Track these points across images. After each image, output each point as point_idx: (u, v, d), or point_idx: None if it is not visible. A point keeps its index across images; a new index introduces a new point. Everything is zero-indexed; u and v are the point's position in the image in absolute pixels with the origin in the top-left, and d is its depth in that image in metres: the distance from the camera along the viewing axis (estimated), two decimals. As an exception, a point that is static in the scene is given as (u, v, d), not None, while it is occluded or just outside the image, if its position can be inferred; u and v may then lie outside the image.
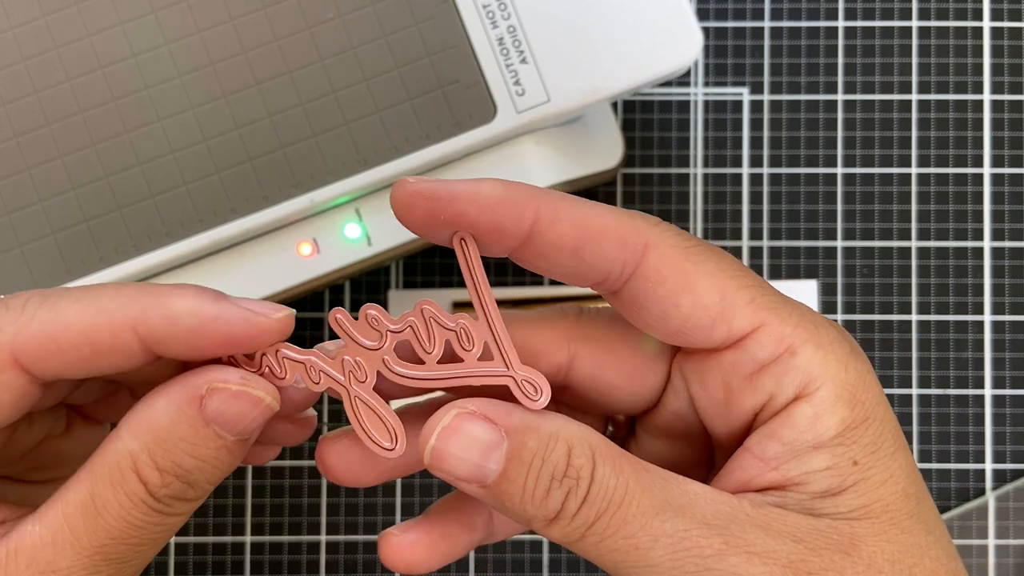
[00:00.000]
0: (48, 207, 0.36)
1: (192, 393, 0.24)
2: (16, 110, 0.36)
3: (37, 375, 0.25)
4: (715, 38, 0.45)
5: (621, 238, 0.24)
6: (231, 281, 0.37)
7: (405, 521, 0.28)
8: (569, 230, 0.24)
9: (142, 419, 0.24)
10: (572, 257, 0.24)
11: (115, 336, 0.24)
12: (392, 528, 0.27)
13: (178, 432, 0.24)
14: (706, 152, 0.45)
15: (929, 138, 0.45)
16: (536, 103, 0.37)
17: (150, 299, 0.24)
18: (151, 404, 0.24)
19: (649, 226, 0.25)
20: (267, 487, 0.44)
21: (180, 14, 0.36)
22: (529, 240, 0.24)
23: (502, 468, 0.23)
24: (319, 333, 0.44)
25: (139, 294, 0.24)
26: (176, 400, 0.24)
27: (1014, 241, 0.44)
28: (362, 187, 0.37)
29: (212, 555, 0.43)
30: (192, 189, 0.36)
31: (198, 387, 0.24)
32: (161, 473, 0.24)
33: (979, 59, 0.45)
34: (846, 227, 0.44)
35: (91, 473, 0.24)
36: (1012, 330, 0.44)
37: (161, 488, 0.24)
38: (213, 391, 0.24)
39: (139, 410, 0.25)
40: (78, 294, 0.25)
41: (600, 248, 0.24)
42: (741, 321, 0.24)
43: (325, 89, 0.36)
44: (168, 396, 0.24)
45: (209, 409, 0.24)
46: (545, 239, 0.24)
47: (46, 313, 0.24)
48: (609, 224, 0.24)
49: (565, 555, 0.44)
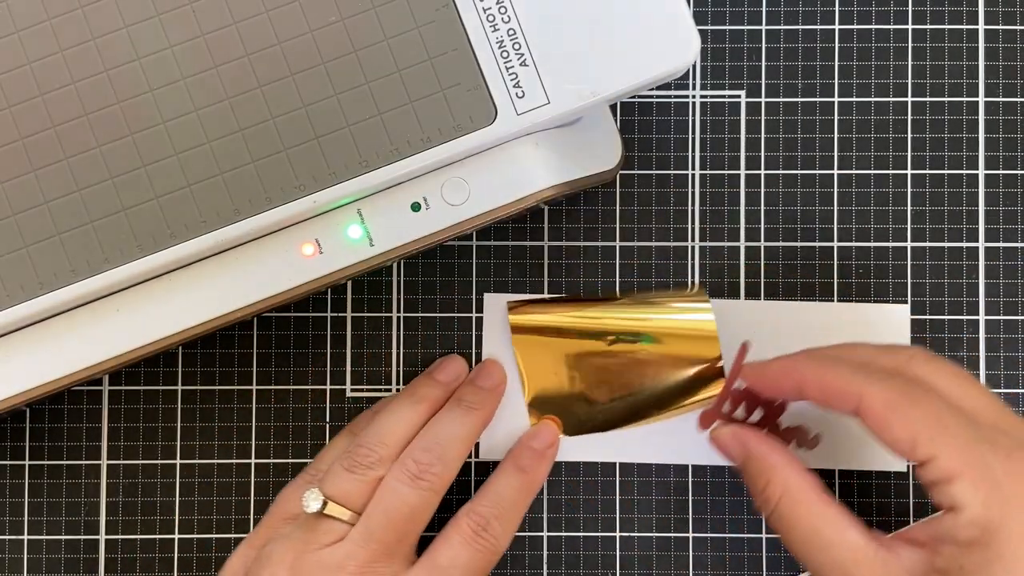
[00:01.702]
0: (53, 208, 0.36)
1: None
2: (21, 112, 0.36)
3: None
4: (713, 41, 0.45)
5: (843, 394, 0.36)
6: (235, 282, 0.38)
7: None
8: (816, 395, 0.37)
9: None
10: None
11: None
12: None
13: None
14: (704, 154, 0.45)
15: (924, 140, 0.45)
16: (536, 105, 0.37)
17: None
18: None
19: (868, 382, 0.36)
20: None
21: (184, 17, 0.37)
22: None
23: (741, 465, 0.39)
24: (322, 333, 0.44)
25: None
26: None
27: (1008, 242, 0.45)
28: (364, 188, 0.37)
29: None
30: (196, 190, 0.37)
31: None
32: None
33: (974, 62, 0.45)
34: (842, 228, 0.45)
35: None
36: (1006, 330, 0.45)
37: None
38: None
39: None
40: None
41: (833, 404, 0.37)
42: (920, 453, 0.35)
43: (327, 91, 0.37)
44: None
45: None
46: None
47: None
48: (840, 386, 0.36)
49: (564, 553, 0.44)
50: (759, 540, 0.44)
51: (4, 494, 0.44)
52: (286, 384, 0.44)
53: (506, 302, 0.44)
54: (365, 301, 0.44)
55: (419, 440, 0.40)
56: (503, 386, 0.43)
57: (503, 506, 0.40)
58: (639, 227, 0.45)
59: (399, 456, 0.39)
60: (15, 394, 0.37)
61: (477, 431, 0.42)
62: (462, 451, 0.40)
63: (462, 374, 0.43)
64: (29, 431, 0.44)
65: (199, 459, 0.44)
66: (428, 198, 0.38)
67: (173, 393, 0.44)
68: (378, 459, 0.39)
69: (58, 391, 0.38)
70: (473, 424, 0.41)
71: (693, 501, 0.44)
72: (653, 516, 0.44)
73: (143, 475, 0.44)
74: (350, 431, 0.43)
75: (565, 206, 0.45)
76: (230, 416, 0.44)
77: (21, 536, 0.44)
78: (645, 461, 0.44)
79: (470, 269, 0.45)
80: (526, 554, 0.44)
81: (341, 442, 0.42)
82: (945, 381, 0.36)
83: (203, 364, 0.44)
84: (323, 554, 0.38)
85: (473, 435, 0.41)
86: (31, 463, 0.44)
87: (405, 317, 0.44)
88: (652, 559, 0.44)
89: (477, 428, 0.41)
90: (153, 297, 0.37)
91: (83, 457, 0.44)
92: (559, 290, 0.44)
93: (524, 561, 0.44)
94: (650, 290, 0.44)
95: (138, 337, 0.38)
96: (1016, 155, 0.45)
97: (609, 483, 0.44)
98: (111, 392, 0.44)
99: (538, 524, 0.44)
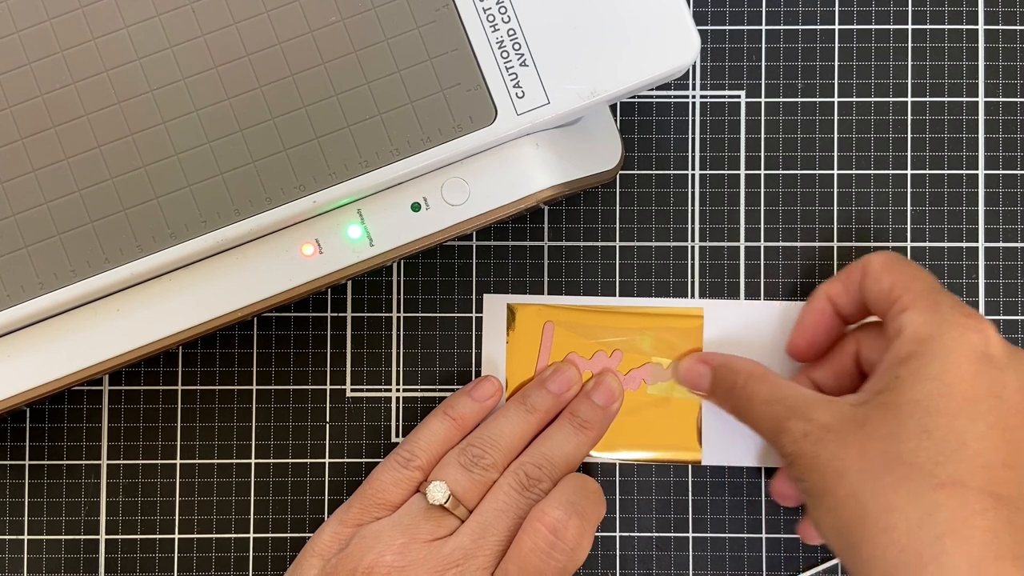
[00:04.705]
0: (53, 208, 0.36)
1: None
2: (21, 112, 0.36)
3: None
4: (713, 41, 0.45)
5: (851, 270, 0.41)
6: (235, 282, 0.38)
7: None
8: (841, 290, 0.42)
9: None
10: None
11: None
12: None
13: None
14: (704, 154, 0.45)
15: (924, 140, 0.45)
16: (536, 105, 0.37)
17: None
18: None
19: (872, 255, 0.41)
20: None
21: (184, 17, 0.37)
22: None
23: (709, 384, 0.43)
24: (322, 333, 0.44)
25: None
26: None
27: (1008, 242, 0.45)
28: (364, 188, 0.37)
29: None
30: (196, 190, 0.37)
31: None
32: None
33: (974, 62, 0.45)
34: (842, 228, 0.45)
35: None
36: (1006, 330, 0.45)
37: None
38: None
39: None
40: None
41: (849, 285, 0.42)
42: (892, 295, 0.39)
43: (327, 92, 0.37)
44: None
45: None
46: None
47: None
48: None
49: (564, 553, 0.44)
50: (759, 540, 0.44)
51: (4, 494, 0.44)
52: (286, 384, 0.44)
53: (507, 304, 0.44)
54: (365, 301, 0.44)
55: (531, 454, 0.41)
56: (618, 404, 0.44)
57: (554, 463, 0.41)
58: (639, 227, 0.45)
59: (511, 464, 0.41)
60: (15, 394, 0.37)
61: (586, 450, 0.42)
62: (569, 469, 0.41)
63: (575, 385, 0.44)
64: (29, 431, 0.44)
65: (199, 459, 0.44)
66: (428, 198, 0.38)
67: (173, 393, 0.44)
68: (492, 463, 0.40)
69: (58, 391, 0.38)
70: (583, 443, 0.42)
71: (693, 501, 0.44)
72: (653, 516, 0.44)
73: (143, 475, 0.44)
74: (444, 413, 0.42)
75: (565, 206, 0.45)
76: (230, 416, 0.44)
77: (21, 536, 0.44)
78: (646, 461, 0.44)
79: (470, 269, 0.45)
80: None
81: (437, 425, 0.42)
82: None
83: (203, 364, 0.44)
84: (434, 545, 0.38)
85: (582, 454, 0.42)
86: (31, 463, 0.44)
87: (405, 317, 0.45)
88: (652, 559, 0.44)
89: (586, 448, 0.42)
90: (153, 297, 0.37)
91: (83, 457, 0.44)
92: (559, 290, 0.45)
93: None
94: (650, 291, 0.45)
95: (138, 337, 0.38)
96: (1016, 155, 0.45)
97: (609, 483, 0.44)
98: (111, 392, 0.44)
99: (538, 524, 0.44)
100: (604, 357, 0.44)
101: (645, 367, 0.44)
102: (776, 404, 0.38)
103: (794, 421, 0.37)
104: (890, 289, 0.39)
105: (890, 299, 0.39)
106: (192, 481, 0.44)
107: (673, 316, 0.44)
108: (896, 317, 0.38)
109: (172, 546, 0.44)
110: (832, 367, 0.42)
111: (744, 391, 0.40)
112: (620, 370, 0.44)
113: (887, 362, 0.37)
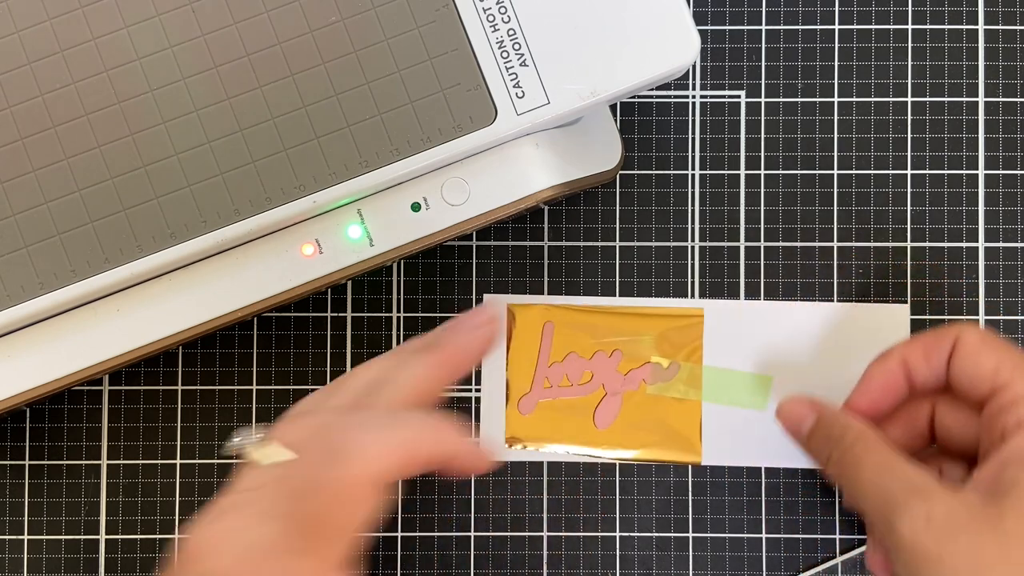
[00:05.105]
0: (53, 208, 0.36)
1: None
2: (21, 112, 0.36)
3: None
4: (713, 41, 0.45)
5: (940, 339, 0.39)
6: (235, 282, 0.38)
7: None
8: (919, 354, 0.40)
9: None
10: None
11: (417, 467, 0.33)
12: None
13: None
14: (704, 154, 0.45)
15: (924, 140, 0.45)
16: (536, 105, 0.37)
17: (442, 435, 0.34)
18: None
19: (962, 326, 0.39)
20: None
21: (184, 17, 0.37)
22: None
23: (810, 429, 0.40)
24: (322, 333, 0.44)
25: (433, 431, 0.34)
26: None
27: (1008, 242, 0.45)
28: (364, 188, 0.37)
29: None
30: (196, 190, 0.37)
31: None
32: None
33: (974, 62, 0.45)
34: (842, 228, 0.45)
35: None
36: (1006, 330, 0.45)
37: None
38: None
39: None
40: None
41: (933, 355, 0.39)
42: (1000, 378, 0.37)
43: (327, 92, 0.37)
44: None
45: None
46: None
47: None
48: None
49: (564, 553, 0.44)
50: (759, 540, 0.44)
51: (4, 494, 0.44)
52: (286, 384, 0.44)
53: (507, 303, 0.44)
54: (365, 301, 0.44)
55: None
56: (483, 329, 0.38)
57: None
58: (639, 227, 0.45)
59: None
60: (15, 394, 0.37)
61: (433, 374, 0.37)
62: (416, 392, 0.36)
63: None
64: (29, 431, 0.44)
65: (199, 459, 0.44)
66: (428, 198, 0.38)
67: (173, 393, 0.44)
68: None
69: (58, 391, 0.38)
70: (430, 363, 0.36)
71: (693, 501, 0.44)
72: (653, 516, 0.44)
73: (143, 475, 0.44)
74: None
75: (565, 206, 0.45)
76: (230, 416, 0.44)
77: (21, 536, 0.44)
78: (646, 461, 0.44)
79: (470, 269, 0.45)
80: (526, 554, 0.44)
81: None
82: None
83: (203, 364, 0.44)
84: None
85: (429, 378, 0.36)
86: (31, 463, 0.44)
87: (405, 317, 0.45)
88: (652, 559, 0.44)
89: (432, 371, 0.37)
90: (153, 297, 0.37)
91: (83, 457, 0.44)
92: (559, 290, 0.45)
93: (524, 561, 0.44)
94: (650, 291, 0.45)
95: (138, 337, 0.38)
96: (1016, 155, 0.45)
97: (609, 483, 0.44)
98: (111, 392, 0.44)
99: (538, 524, 0.44)
100: (604, 357, 0.44)
101: (645, 367, 0.44)
102: (891, 478, 0.36)
103: (916, 503, 0.34)
104: (995, 373, 0.37)
105: (995, 384, 0.37)
106: (192, 481, 0.44)
107: (673, 316, 0.44)
108: (1012, 410, 0.36)
109: (172, 546, 0.44)
110: (904, 427, 0.41)
111: (852, 452, 0.37)
112: (620, 370, 0.44)
113: (1011, 455, 0.35)
